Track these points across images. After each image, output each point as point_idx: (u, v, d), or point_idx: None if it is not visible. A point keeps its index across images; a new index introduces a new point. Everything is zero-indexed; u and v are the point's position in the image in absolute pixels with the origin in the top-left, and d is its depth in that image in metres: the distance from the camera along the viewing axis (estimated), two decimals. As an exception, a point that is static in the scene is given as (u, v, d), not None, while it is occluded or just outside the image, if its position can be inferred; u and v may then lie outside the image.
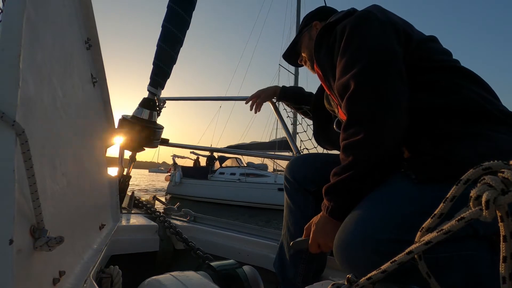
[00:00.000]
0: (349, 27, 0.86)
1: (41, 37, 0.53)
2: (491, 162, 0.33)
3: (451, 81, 0.81)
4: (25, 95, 0.44)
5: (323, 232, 0.85)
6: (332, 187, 0.82)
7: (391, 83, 0.77)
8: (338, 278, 1.06)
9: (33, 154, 0.41)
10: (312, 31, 1.18)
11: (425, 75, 0.83)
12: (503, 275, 0.32)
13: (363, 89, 0.78)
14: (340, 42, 0.88)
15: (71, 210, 0.65)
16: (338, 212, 0.81)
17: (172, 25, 1.50)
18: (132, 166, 1.67)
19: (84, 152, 0.82)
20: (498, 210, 0.31)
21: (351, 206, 0.80)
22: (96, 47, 0.94)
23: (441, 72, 0.83)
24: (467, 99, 0.77)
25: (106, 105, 1.12)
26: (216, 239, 1.46)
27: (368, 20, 0.86)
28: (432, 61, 0.84)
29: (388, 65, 0.79)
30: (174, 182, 15.59)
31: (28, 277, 0.41)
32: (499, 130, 0.74)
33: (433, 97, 0.80)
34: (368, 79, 0.78)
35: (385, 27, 0.84)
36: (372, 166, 0.77)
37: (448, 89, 0.80)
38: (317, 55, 1.01)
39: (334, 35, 0.92)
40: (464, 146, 0.72)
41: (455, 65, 0.86)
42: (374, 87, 0.77)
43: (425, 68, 0.83)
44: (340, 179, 0.80)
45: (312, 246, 0.88)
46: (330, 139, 1.24)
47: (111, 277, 0.83)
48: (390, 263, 0.41)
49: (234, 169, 16.18)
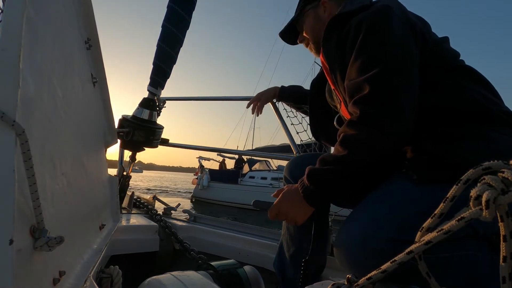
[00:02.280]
0: (367, 24, 0.82)
1: (41, 37, 0.53)
2: (491, 162, 0.33)
3: (456, 82, 0.80)
4: (25, 95, 0.44)
5: (288, 204, 0.86)
6: (318, 172, 0.81)
7: (405, 93, 0.76)
8: (338, 278, 1.05)
9: (33, 154, 0.41)
10: (319, 10, 1.06)
11: (433, 76, 0.81)
12: (503, 275, 0.32)
13: (377, 94, 0.76)
14: (355, 38, 0.83)
15: (71, 210, 0.65)
16: (313, 197, 0.82)
17: (172, 25, 1.50)
18: (132, 166, 1.67)
19: (84, 152, 0.82)
20: (498, 210, 0.31)
21: (327, 196, 0.82)
22: (96, 47, 0.94)
23: (447, 73, 0.82)
24: (470, 100, 0.77)
25: (106, 105, 1.12)
26: (216, 239, 1.46)
27: (387, 18, 0.81)
28: (443, 63, 0.83)
29: (406, 73, 0.78)
30: (201, 185, 14.93)
31: (28, 277, 0.41)
32: (501, 131, 0.74)
33: (436, 96, 0.79)
34: (384, 86, 0.77)
35: (405, 28, 0.81)
36: (362, 166, 0.77)
37: (452, 90, 0.79)
38: (326, 48, 0.96)
39: (348, 28, 0.86)
40: (465, 147, 0.72)
41: (461, 65, 0.85)
42: (389, 95, 0.76)
43: (435, 69, 0.82)
44: (329, 169, 0.79)
45: (272, 212, 0.89)
46: (329, 135, 1.20)
47: (111, 277, 0.83)
48: (390, 263, 0.41)
49: (264, 173, 15.65)
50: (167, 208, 1.75)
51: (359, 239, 0.71)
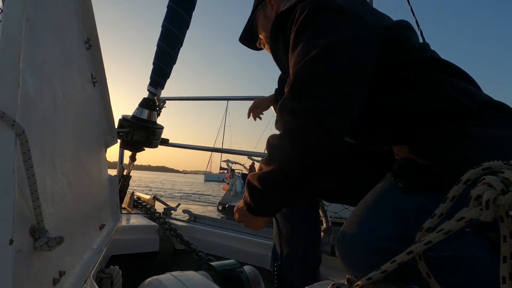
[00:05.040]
0: (300, 16, 0.74)
1: (41, 37, 0.53)
2: (491, 162, 0.33)
3: (428, 77, 0.75)
4: (25, 95, 0.44)
5: (242, 217, 0.86)
6: (254, 187, 0.77)
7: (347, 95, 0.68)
8: (338, 278, 1.06)
9: (33, 154, 0.41)
10: (267, 10, 1.03)
11: (402, 70, 0.76)
12: (503, 275, 0.32)
13: (295, 86, 0.70)
14: (296, 27, 0.75)
15: (71, 210, 0.65)
16: (258, 211, 0.81)
17: (172, 25, 1.50)
18: (132, 166, 1.67)
19: (84, 152, 0.82)
20: (498, 210, 0.31)
21: (273, 207, 0.80)
22: (96, 47, 0.94)
23: (418, 69, 0.76)
24: (445, 95, 0.73)
25: (106, 105, 1.12)
26: (216, 239, 1.46)
27: (328, 8, 0.73)
28: (411, 58, 0.77)
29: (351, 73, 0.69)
30: (234, 191, 13.10)
31: (28, 277, 0.41)
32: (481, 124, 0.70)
33: (411, 95, 0.74)
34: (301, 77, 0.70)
35: (351, 17, 0.73)
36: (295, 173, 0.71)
37: (426, 86, 0.75)
38: (273, 48, 0.92)
39: (292, 18, 0.79)
40: (449, 150, 0.69)
41: (431, 57, 0.79)
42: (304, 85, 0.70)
43: (404, 66, 0.76)
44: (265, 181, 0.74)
45: (236, 219, 0.90)
46: None
47: (111, 277, 0.83)
48: (390, 263, 0.41)
49: None
50: (167, 208, 1.75)
51: (361, 238, 0.71)
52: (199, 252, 1.28)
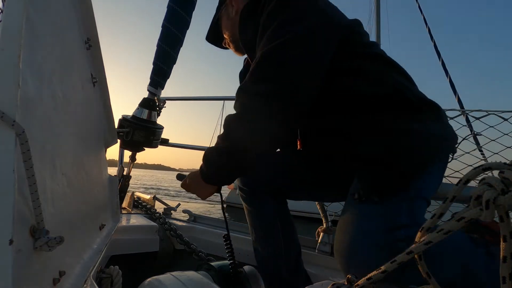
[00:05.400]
0: (268, 7, 0.81)
1: (41, 37, 0.53)
2: (491, 162, 0.33)
3: (379, 69, 0.83)
4: (25, 95, 0.44)
5: (193, 184, 0.94)
6: (208, 152, 0.86)
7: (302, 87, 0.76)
8: (338, 278, 1.06)
9: (33, 154, 0.41)
10: (229, 9, 1.06)
11: (359, 60, 0.83)
12: (503, 275, 0.32)
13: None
14: (268, 10, 0.81)
15: (71, 210, 0.65)
16: (209, 177, 0.89)
17: (172, 25, 1.50)
18: (132, 166, 1.67)
19: (84, 152, 0.82)
20: (498, 210, 0.31)
21: (224, 175, 0.87)
22: (96, 47, 0.94)
23: (371, 60, 0.84)
24: (392, 88, 0.80)
25: (106, 105, 1.12)
26: (216, 239, 1.45)
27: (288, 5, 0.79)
28: (364, 47, 0.85)
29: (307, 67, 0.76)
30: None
31: (28, 277, 0.41)
32: (417, 120, 0.77)
33: (364, 83, 0.81)
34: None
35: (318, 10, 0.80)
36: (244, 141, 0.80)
37: (377, 78, 0.81)
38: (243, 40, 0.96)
39: (261, 8, 0.86)
40: (402, 147, 0.75)
41: (381, 53, 0.87)
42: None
43: (360, 54, 0.84)
44: (217, 148, 0.83)
45: (182, 186, 0.98)
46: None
47: (111, 277, 0.83)
48: (390, 263, 0.41)
49: None
50: (167, 208, 1.75)
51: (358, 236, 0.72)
52: (199, 252, 1.28)
